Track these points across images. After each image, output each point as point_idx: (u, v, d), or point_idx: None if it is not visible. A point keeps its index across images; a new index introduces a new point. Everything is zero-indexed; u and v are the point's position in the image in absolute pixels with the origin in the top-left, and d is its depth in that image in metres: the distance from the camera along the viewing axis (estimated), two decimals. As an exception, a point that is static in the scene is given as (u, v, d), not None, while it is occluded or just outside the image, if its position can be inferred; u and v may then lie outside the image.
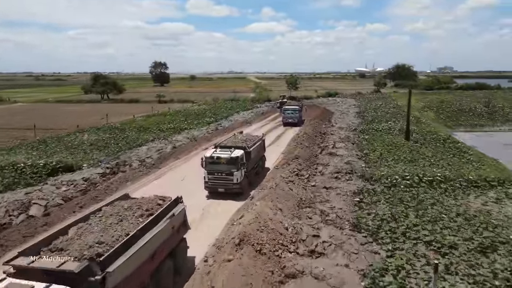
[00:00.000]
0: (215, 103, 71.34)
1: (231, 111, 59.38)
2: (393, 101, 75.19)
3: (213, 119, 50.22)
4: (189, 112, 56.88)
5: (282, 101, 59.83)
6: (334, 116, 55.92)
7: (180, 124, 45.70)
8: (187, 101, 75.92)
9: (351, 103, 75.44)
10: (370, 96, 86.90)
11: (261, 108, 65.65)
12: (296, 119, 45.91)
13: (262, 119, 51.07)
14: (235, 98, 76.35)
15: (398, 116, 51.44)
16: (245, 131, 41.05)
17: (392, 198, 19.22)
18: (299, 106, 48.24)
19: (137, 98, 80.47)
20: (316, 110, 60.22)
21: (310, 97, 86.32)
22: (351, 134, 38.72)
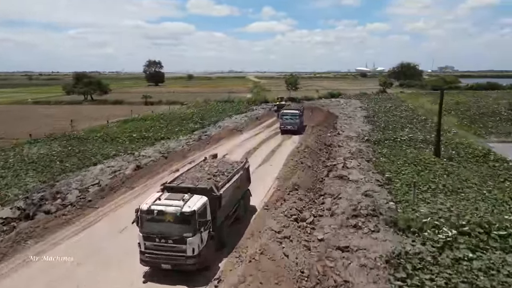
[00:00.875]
0: (206, 105, 63.45)
1: (222, 115, 51.45)
2: (403, 102, 67.23)
3: (199, 125, 42.29)
4: (173, 116, 48.95)
5: (279, 104, 51.92)
6: (339, 120, 47.98)
7: (158, 131, 37.82)
8: (177, 103, 68.00)
9: (357, 104, 67.46)
10: (376, 97, 78.86)
11: (257, 111, 57.72)
12: (296, 125, 38.04)
13: (256, 125, 43.04)
14: (229, 99, 68.40)
15: (415, 122, 43.44)
16: (235, 141, 33.49)
17: (455, 277, 11.31)
18: (299, 110, 40.28)
19: (122, 99, 72.57)
20: (319, 114, 52.23)
21: (311, 98, 78.30)
22: (364, 146, 30.78)
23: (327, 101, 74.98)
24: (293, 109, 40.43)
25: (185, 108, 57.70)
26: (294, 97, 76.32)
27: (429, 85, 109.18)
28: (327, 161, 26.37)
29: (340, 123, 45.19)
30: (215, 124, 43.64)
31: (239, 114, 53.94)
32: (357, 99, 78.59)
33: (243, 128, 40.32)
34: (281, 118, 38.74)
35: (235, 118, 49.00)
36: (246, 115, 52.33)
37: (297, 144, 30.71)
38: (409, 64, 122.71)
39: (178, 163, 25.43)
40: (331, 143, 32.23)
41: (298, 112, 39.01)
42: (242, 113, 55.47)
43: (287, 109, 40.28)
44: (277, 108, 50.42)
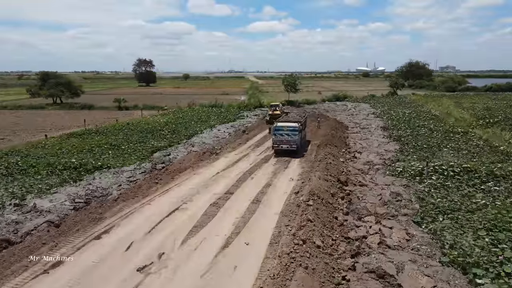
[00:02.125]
0: (189, 111, 52.02)
1: (203, 125, 39.99)
2: (421, 107, 55.68)
3: (166, 142, 30.82)
4: (140, 127, 37.48)
5: (273, 114, 40.21)
6: (350, 133, 36.53)
7: (104, 153, 26.40)
8: (156, 107, 56.55)
9: (367, 109, 55.93)
10: (387, 100, 67.25)
11: (248, 119, 46.24)
12: (295, 144, 26.71)
13: (241, 143, 30.99)
14: (217, 104, 56.88)
15: (453, 137, 31.88)
16: (200, 176, 20.69)
17: None
18: (300, 122, 28.86)
19: (93, 103, 61.14)
20: (325, 124, 40.62)
21: (314, 102, 66.79)
22: (400, 186, 19.24)
23: (332, 105, 63.40)
24: (291, 121, 28.95)
25: (160, 116, 46.19)
26: (293, 100, 64.84)
27: (441, 85, 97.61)
28: (346, 224, 14.88)
29: (353, 138, 33.69)
30: (188, 140, 32.16)
31: (225, 123, 42.50)
32: (366, 102, 67.03)
33: (222, 148, 28.68)
34: (274, 134, 27.35)
35: (217, 130, 37.45)
36: (232, 125, 40.80)
37: (295, 185, 19.09)
38: (418, 63, 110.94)
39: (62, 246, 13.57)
40: (348, 178, 20.72)
41: (298, 125, 27.54)
42: (230, 121, 44.00)
43: (283, 122, 28.82)
44: (269, 119, 38.85)
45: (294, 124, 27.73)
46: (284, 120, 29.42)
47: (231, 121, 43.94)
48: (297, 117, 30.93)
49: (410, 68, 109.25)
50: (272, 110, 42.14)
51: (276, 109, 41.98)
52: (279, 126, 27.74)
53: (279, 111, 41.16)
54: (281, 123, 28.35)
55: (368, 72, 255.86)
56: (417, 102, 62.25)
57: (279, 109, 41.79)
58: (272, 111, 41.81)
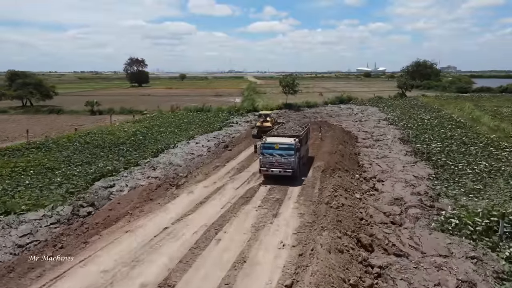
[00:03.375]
0: (171, 115, 43.96)
1: (179, 136, 31.88)
2: (437, 111, 47.52)
3: (118, 164, 22.62)
4: (98, 139, 29.36)
5: (262, 126, 31.07)
6: (362, 147, 28.42)
7: (12, 187, 18.34)
8: (134, 111, 48.44)
9: (376, 114, 47.77)
10: (397, 103, 59.02)
11: (237, 127, 38.08)
12: (290, 167, 18.93)
13: (217, 165, 22.19)
14: (204, 108, 48.71)
15: (499, 154, 23.76)
16: (129, 240, 11.89)
17: None
18: (298, 135, 20.82)
19: (62, 107, 53.08)
20: (329, 134, 32.52)
21: (315, 104, 58.61)
22: (470, 268, 11.06)
23: (336, 109, 55.21)
24: (286, 135, 20.89)
25: (132, 123, 37.96)
26: (291, 103, 56.70)
27: (451, 86, 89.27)
28: None
29: (366, 155, 25.52)
30: (152, 160, 23.99)
31: (207, 133, 34.39)
32: (373, 105, 58.84)
33: (190, 174, 20.36)
34: (262, 154, 19.35)
35: (195, 144, 29.28)
36: (216, 136, 32.64)
37: (288, 261, 10.82)
38: (425, 63, 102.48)
39: None
40: (372, 237, 12.64)
41: (295, 142, 19.50)
42: (215, 130, 35.89)
43: (275, 136, 20.76)
44: (257, 132, 30.14)
45: (289, 141, 19.68)
46: (276, 135, 21.35)
47: (216, 130, 35.82)
48: (295, 130, 22.84)
49: (417, 67, 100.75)
50: (261, 121, 32.38)
51: (266, 120, 32.10)
52: (269, 143, 19.73)
53: (269, 122, 31.58)
54: (272, 138, 20.32)
55: (369, 72, 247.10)
56: (431, 105, 54.06)
57: (270, 120, 32.28)
58: (260, 122, 32.13)
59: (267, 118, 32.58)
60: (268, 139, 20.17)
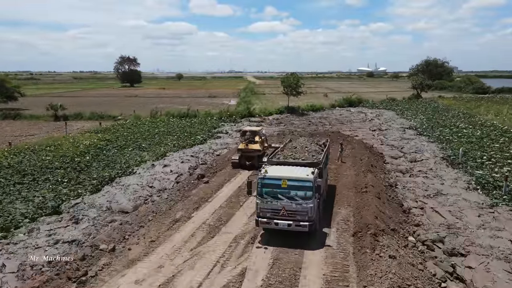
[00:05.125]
0: (149, 122, 35.38)
1: (146, 153, 23.27)
2: (469, 116, 38.82)
3: (25, 210, 14.10)
4: (29, 161, 20.70)
5: (246, 150, 19.66)
6: (395, 173, 19.79)
7: None
8: (107, 116, 39.85)
9: (396, 120, 39.01)
10: (416, 106, 50.25)
11: (225, 139, 29.31)
12: (306, 215, 10.82)
13: (179, 218, 13.08)
14: (189, 113, 39.94)
15: None
16: None
17: None
18: (317, 162, 12.32)
19: (26, 110, 44.50)
20: (347, 150, 23.70)
21: (320, 108, 49.93)
22: None
23: (345, 113, 46.50)
24: (297, 163, 12.39)
25: (91, 134, 29.13)
26: (294, 107, 48.01)
27: (467, 87, 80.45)
28: None
29: (409, 190, 16.81)
30: (83, 201, 15.32)
31: (185, 147, 25.69)
32: (388, 108, 50.15)
33: (116, 251, 11.11)
34: (260, 195, 10.96)
35: (162, 168, 20.44)
36: (195, 154, 23.85)
37: None
38: (436, 61, 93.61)
39: None
40: None
41: (313, 175, 11.09)
42: (196, 143, 27.19)
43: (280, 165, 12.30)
44: (238, 159, 19.73)
45: (305, 174, 11.54)
46: (283, 161, 12.83)
47: (198, 143, 27.13)
48: (309, 150, 14.36)
49: (427, 66, 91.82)
50: (245, 141, 20.08)
51: (253, 140, 20.23)
52: (271, 177, 11.36)
53: (258, 143, 20.02)
54: (277, 169, 11.91)
55: (371, 72, 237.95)
56: (457, 109, 45.34)
57: (259, 140, 20.43)
58: (244, 143, 19.94)
59: (254, 136, 20.49)
60: (269, 170, 11.76)
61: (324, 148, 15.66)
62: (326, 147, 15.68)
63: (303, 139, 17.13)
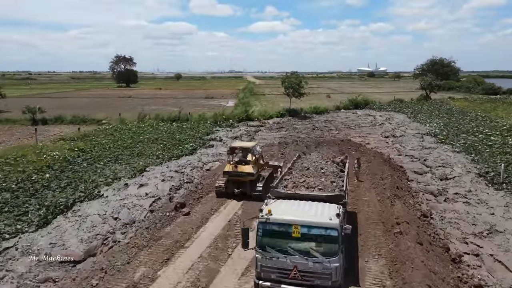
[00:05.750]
0: (135, 126, 31.41)
1: (119, 170, 19.24)
2: (489, 120, 34.81)
3: None
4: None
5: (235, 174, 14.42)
6: (425, 195, 15.78)
7: None
8: (90, 121, 35.84)
9: (410, 124, 34.89)
10: (427, 108, 46.21)
11: (218, 148, 25.12)
12: (328, 279, 6.89)
13: (138, 283, 9.48)
14: (181, 117, 35.90)
15: None
16: None
17: None
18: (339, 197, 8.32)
19: (3, 113, 40.49)
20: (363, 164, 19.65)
21: (324, 110, 45.85)
22: None
23: (352, 116, 42.43)
24: (312, 196, 8.42)
25: (64, 143, 25.07)
26: (296, 109, 43.98)
27: (476, 87, 76.46)
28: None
29: (451, 223, 12.77)
30: (16, 247, 11.36)
31: (170, 160, 21.63)
32: (397, 110, 46.07)
33: None
34: (260, 247, 7.04)
35: (136, 188, 16.39)
36: (181, 169, 19.65)
37: None
38: (442, 61, 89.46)
39: None
40: None
41: (338, 223, 7.14)
42: (184, 154, 23.09)
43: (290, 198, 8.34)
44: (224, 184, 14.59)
45: (326, 217, 7.51)
46: (292, 194, 8.94)
47: (186, 153, 23.06)
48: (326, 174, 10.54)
49: (433, 66, 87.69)
50: (233, 160, 15.33)
51: (244, 160, 15.55)
52: (276, 221, 7.39)
53: (251, 164, 14.93)
54: (284, 206, 8.10)
55: (372, 72, 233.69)
56: (472, 111, 41.28)
57: (253, 158, 15.31)
58: (232, 164, 14.97)
59: (246, 155, 15.59)
60: (274, 210, 7.92)
61: (343, 167, 11.77)
62: (347, 169, 11.73)
63: (316, 155, 13.13)
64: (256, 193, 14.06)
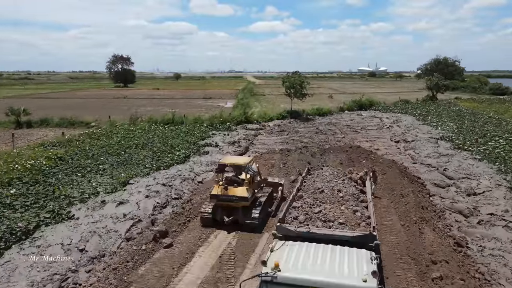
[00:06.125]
0: (126, 129, 28.97)
1: (99, 183, 16.74)
2: (504, 122, 32.37)
3: None
4: None
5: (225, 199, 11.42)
6: (449, 214, 13.30)
7: None
8: (78, 123, 33.37)
9: (421, 128, 32.30)
10: (434, 109, 43.73)
11: (213, 155, 22.50)
12: None
13: None
14: (175, 119, 33.42)
15: None
16: None
17: None
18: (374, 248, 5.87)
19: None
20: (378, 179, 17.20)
21: (328, 112, 43.37)
22: None
23: (357, 118, 39.93)
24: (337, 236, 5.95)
25: (41, 150, 22.59)
26: (298, 111, 41.49)
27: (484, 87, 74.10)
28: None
29: (497, 258, 10.30)
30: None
31: (159, 170, 19.11)
32: (404, 112, 43.54)
33: None
34: None
35: (115, 207, 13.81)
36: (169, 182, 17.19)
37: None
38: (447, 60, 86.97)
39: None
40: None
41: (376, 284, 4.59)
42: (173, 163, 20.53)
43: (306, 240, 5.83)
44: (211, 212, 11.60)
45: (355, 275, 4.99)
46: (309, 235, 6.48)
47: (177, 162, 20.56)
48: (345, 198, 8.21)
49: (437, 66, 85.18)
50: (222, 181, 12.02)
51: (238, 180, 12.04)
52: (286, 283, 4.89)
53: (245, 186, 11.68)
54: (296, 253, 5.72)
55: (373, 72, 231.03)
56: (484, 113, 38.81)
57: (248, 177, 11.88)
58: (221, 185, 11.71)
59: (239, 173, 12.51)
60: (284, 265, 5.54)
61: (363, 186, 9.39)
62: (370, 190, 9.30)
63: (330, 170, 10.72)
64: (251, 223, 11.41)
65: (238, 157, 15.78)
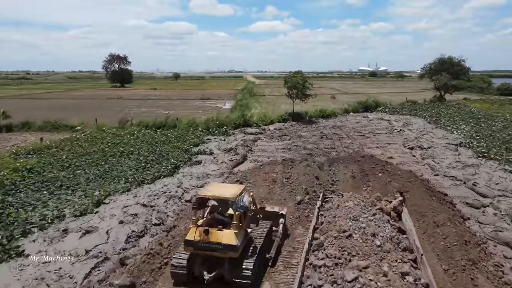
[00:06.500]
0: (115, 132, 26.22)
1: (67, 201, 13.98)
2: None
3: None
4: None
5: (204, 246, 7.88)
6: (493, 247, 10.48)
7: None
8: (62, 127, 30.58)
9: (434, 132, 29.39)
10: (445, 111, 40.93)
11: (206, 166, 19.64)
12: None
13: None
14: (167, 123, 30.58)
15: None
16: None
17: None
18: None
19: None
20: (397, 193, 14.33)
21: (332, 114, 40.54)
22: None
23: (363, 120, 37.09)
24: None
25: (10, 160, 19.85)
26: (300, 113, 38.66)
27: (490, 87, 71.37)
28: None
29: None
30: None
31: (141, 185, 16.31)
32: (412, 114, 40.68)
33: None
34: None
35: (77, 236, 10.99)
36: (151, 201, 14.24)
37: None
38: (451, 59, 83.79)
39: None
40: None
41: None
42: (160, 177, 17.69)
43: None
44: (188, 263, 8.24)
45: None
46: None
47: (164, 174, 17.74)
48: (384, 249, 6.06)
49: (441, 65, 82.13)
50: (202, 218, 8.63)
51: (223, 219, 8.53)
52: None
53: (233, 229, 8.09)
54: None
55: (374, 72, 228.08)
56: (499, 115, 36.02)
57: (237, 216, 8.28)
58: (200, 230, 8.07)
59: (225, 210, 8.88)
60: None
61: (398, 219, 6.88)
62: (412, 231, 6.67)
63: (354, 198, 8.09)
64: (242, 282, 8.10)
65: (225, 186, 10.50)
